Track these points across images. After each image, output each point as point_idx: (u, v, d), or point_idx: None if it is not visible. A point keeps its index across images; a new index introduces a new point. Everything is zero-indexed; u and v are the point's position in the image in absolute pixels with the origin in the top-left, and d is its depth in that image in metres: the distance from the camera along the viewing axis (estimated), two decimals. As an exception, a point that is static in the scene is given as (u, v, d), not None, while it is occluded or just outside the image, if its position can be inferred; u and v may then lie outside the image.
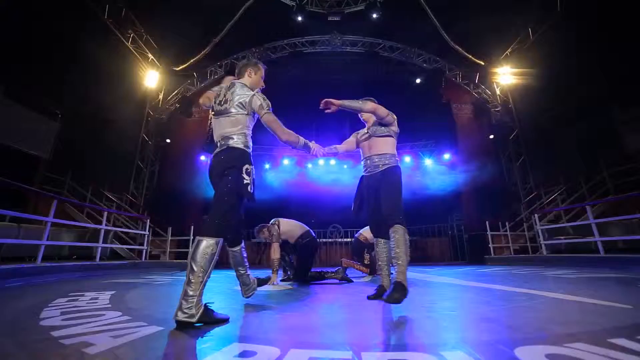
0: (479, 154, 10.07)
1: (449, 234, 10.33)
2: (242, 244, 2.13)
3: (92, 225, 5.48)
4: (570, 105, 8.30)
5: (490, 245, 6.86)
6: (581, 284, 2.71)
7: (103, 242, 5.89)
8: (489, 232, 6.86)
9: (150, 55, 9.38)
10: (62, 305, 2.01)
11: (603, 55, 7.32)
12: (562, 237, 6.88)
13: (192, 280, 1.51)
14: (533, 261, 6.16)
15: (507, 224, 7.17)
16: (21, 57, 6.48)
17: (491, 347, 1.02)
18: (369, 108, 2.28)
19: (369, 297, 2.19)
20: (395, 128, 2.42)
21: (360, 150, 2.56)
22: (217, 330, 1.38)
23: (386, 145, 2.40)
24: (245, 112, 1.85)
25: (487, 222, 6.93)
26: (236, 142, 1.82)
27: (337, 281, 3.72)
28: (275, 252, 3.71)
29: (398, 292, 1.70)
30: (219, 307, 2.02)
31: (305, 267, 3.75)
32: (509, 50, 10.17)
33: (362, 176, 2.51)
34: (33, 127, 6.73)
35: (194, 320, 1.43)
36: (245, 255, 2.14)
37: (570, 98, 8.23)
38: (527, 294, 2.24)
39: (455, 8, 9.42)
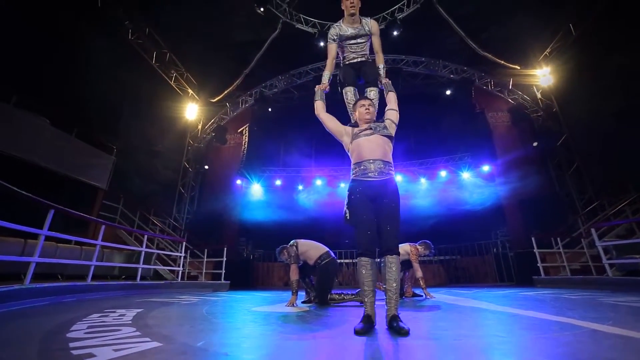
0: (522, 164, 9.26)
1: (493, 252, 9.42)
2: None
3: (132, 248, 6.04)
4: (631, 101, 7.31)
5: (540, 264, 6.08)
6: (648, 315, 2.26)
7: (147, 264, 6.45)
8: (536, 250, 6.11)
9: (190, 90, 10.47)
10: (93, 319, 2.23)
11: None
12: (637, 256, 5.86)
13: None
14: (595, 284, 5.32)
15: (559, 240, 6.34)
16: (87, 105, 7.67)
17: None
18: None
19: (357, 332, 1.69)
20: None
21: (356, 148, 2.14)
22: (204, 348, 1.43)
23: (390, 150, 2.15)
24: None
25: (532, 238, 6.20)
26: None
27: (359, 304, 3.59)
28: (294, 274, 3.73)
29: (403, 323, 1.72)
30: (229, 326, 2.09)
31: (324, 288, 3.69)
32: (548, 50, 9.47)
33: (358, 180, 2.07)
34: (95, 161, 7.79)
35: None
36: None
37: (630, 93, 7.28)
38: (562, 323, 1.95)
39: (482, 14, 9.16)
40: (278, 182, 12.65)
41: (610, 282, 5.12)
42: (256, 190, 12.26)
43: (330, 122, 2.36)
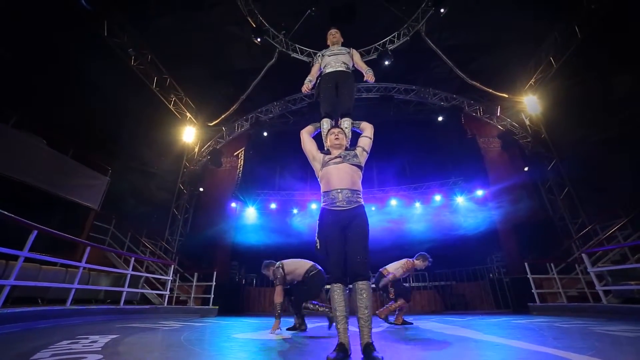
0: (514, 189, 9.34)
1: (489, 277, 9.22)
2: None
3: (119, 270, 5.89)
4: (617, 129, 7.57)
5: (534, 290, 5.95)
6: (638, 346, 2.19)
7: (135, 288, 6.26)
8: (530, 276, 6.01)
9: (188, 114, 10.73)
10: (60, 347, 2.15)
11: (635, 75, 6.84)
12: (632, 282, 5.74)
13: None
14: (591, 312, 5.18)
15: (552, 265, 6.26)
16: (86, 127, 7.82)
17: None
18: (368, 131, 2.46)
19: None
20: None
21: (325, 176, 2.20)
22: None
23: (359, 179, 2.19)
24: None
25: (526, 264, 6.12)
26: None
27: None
28: (278, 296, 3.65)
29: (377, 353, 1.69)
30: (202, 354, 2.01)
31: (306, 295, 3.65)
32: (533, 80, 9.90)
33: (327, 210, 2.14)
34: (89, 182, 7.79)
35: None
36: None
37: (616, 121, 7.56)
38: (543, 353, 1.90)
39: (468, 47, 9.68)
40: (273, 206, 12.59)
41: (606, 310, 5.00)
42: (250, 213, 12.18)
43: (308, 144, 2.44)
